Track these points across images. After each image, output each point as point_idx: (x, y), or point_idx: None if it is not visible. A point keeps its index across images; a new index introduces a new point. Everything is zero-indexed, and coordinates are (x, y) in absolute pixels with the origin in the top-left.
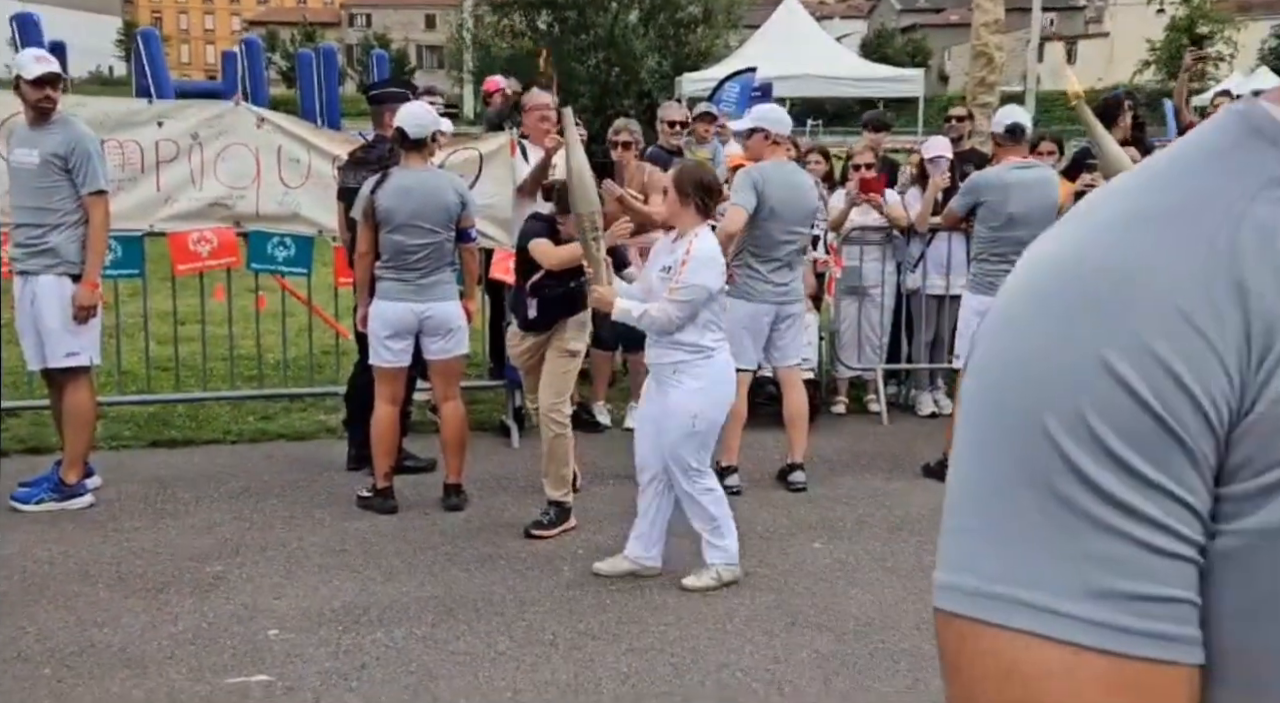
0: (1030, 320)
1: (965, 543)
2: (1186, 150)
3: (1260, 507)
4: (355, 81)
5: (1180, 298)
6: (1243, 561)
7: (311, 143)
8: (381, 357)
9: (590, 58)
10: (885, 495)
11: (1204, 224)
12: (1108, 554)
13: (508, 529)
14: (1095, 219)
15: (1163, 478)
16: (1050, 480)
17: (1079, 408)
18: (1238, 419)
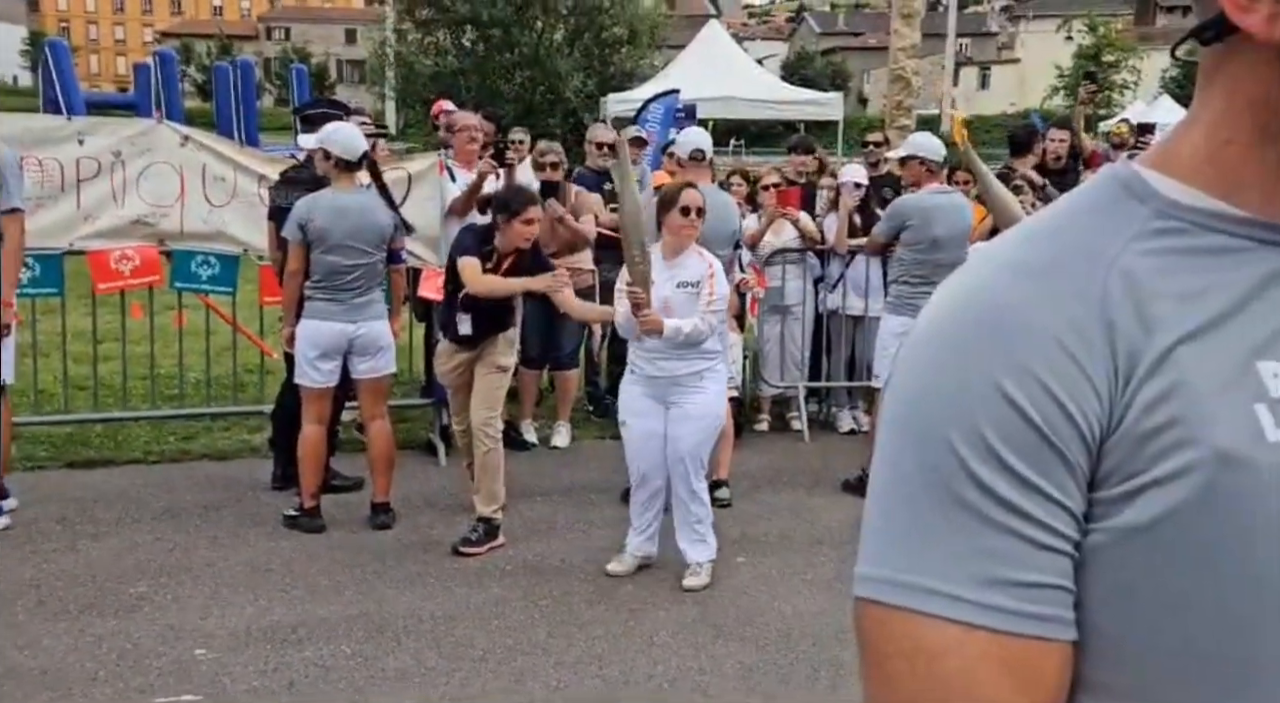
0: (937, 349)
1: (881, 540)
2: (1069, 207)
3: (1124, 509)
4: (274, 96)
5: (1060, 333)
6: (1108, 554)
7: (237, 161)
8: (309, 377)
9: (515, 76)
10: (806, 510)
11: (1079, 273)
12: (998, 548)
13: (436, 547)
14: (993, 265)
15: (1045, 483)
16: (952, 486)
17: (977, 424)
18: (1107, 434)
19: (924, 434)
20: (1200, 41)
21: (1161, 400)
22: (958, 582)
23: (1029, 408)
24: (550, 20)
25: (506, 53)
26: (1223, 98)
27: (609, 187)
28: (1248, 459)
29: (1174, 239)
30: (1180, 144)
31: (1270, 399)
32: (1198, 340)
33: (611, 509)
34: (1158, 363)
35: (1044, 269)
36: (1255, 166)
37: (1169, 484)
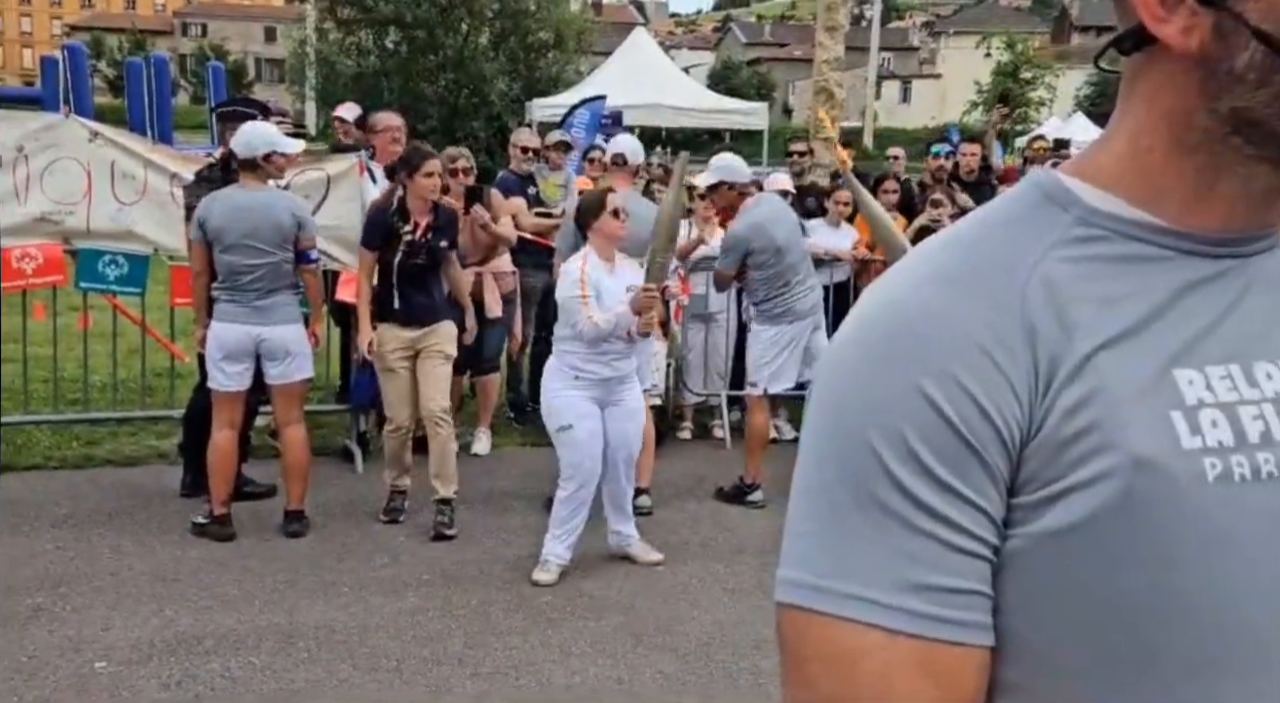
0: (858, 358)
1: (803, 545)
2: (992, 215)
3: (1042, 514)
4: (189, 93)
5: (981, 337)
6: (1027, 560)
7: (148, 159)
8: (218, 381)
9: (439, 79)
10: (727, 519)
11: (1001, 279)
12: (919, 552)
13: (351, 555)
14: (915, 274)
15: (965, 488)
16: (874, 490)
17: (899, 427)
18: (1027, 439)
19: (846, 437)
20: (1119, 51)
21: (1081, 406)
22: (877, 586)
23: (949, 410)
24: (475, 23)
25: (430, 55)
26: (1142, 107)
27: (533, 190)
28: (1163, 466)
29: (1095, 246)
30: (1102, 153)
31: (1186, 407)
32: (1117, 347)
33: (532, 517)
34: (1078, 368)
35: (966, 276)
36: (1173, 176)
37: (1087, 490)
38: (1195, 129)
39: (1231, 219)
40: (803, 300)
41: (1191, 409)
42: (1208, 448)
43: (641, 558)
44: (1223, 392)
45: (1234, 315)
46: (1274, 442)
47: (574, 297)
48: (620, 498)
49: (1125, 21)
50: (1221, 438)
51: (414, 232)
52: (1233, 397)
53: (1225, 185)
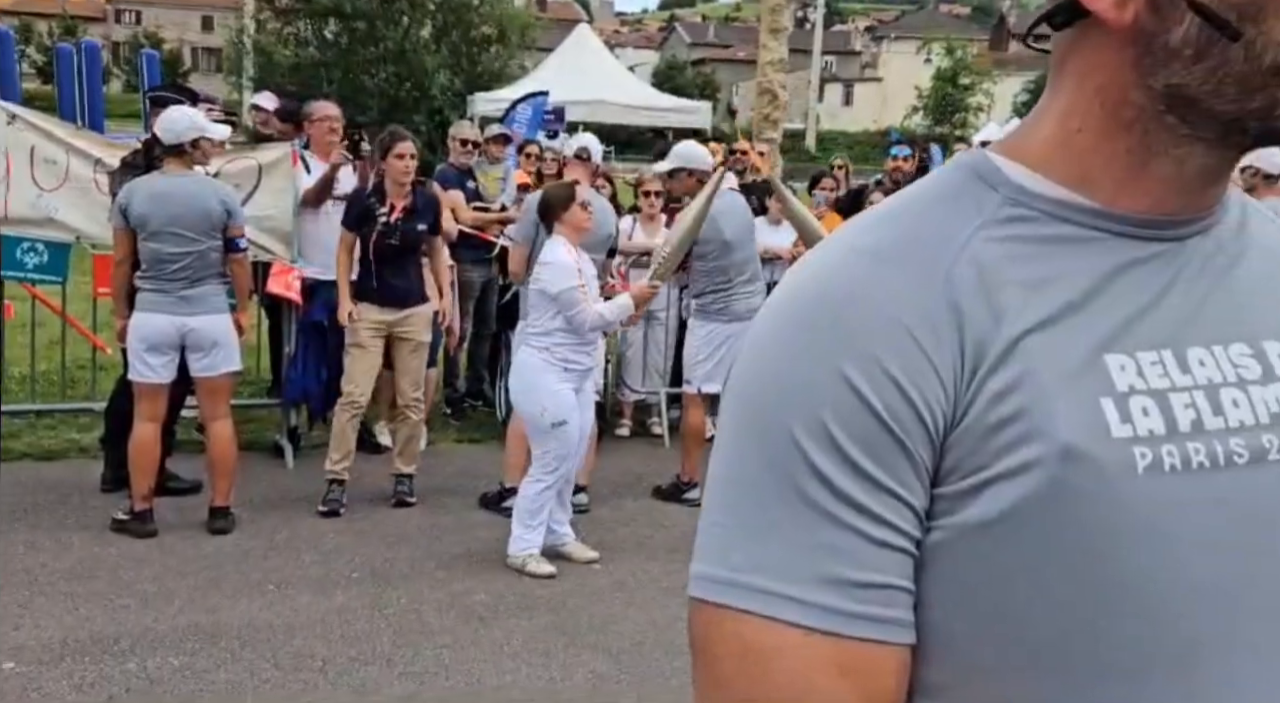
0: (778, 339)
1: (717, 537)
2: (919, 193)
3: (966, 506)
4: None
5: (907, 319)
6: (949, 553)
7: (70, 144)
8: (141, 372)
9: (380, 71)
10: (664, 517)
11: (928, 258)
12: (837, 545)
13: (278, 553)
14: (835, 252)
15: (887, 478)
16: (794, 479)
17: (819, 414)
18: (951, 427)
19: (765, 423)
20: (1051, 26)
21: (1009, 392)
22: (793, 581)
23: (872, 396)
24: (417, 16)
25: (371, 47)
26: (1072, 86)
27: (472, 184)
28: (1092, 455)
29: (1023, 227)
30: (1032, 132)
31: (1116, 393)
32: (1046, 331)
33: (466, 514)
34: (1005, 353)
35: (892, 253)
36: (1104, 156)
37: (1014, 479)
38: (1128, 107)
39: (1163, 201)
40: (741, 302)
41: (1122, 396)
42: (1138, 437)
43: (577, 556)
44: (1154, 378)
45: (1166, 300)
46: (1205, 431)
47: (572, 287)
48: (566, 488)
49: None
50: (1152, 426)
51: (389, 214)
52: (1164, 384)
53: (1158, 166)
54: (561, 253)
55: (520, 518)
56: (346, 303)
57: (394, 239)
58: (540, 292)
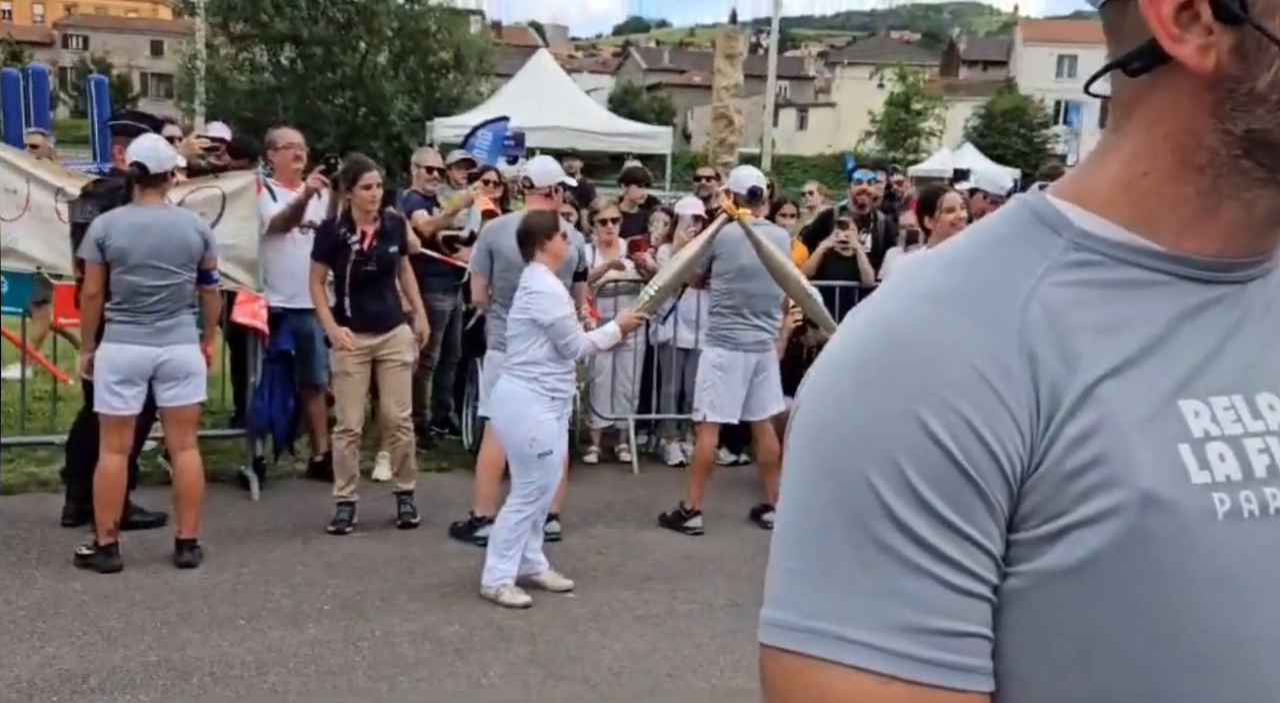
0: (850, 383)
1: (790, 582)
2: (982, 237)
3: (1043, 552)
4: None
5: (981, 365)
6: (1027, 600)
7: (31, 173)
8: (110, 404)
9: (337, 97)
10: (637, 545)
11: (998, 304)
12: (915, 593)
13: (247, 586)
14: (907, 293)
15: (964, 524)
16: (869, 525)
17: (896, 459)
18: (1028, 473)
19: (838, 468)
20: (1127, 72)
21: (1086, 438)
22: (872, 629)
23: (950, 442)
24: (374, 42)
25: (328, 73)
26: (1141, 130)
27: (437, 211)
28: (1171, 502)
29: (1090, 271)
30: (1094, 176)
31: (1193, 439)
32: (1121, 377)
33: (437, 545)
34: (1081, 399)
35: (961, 298)
36: (1171, 200)
37: (1094, 526)
38: (1201, 151)
39: (1229, 244)
40: (748, 333)
41: (1199, 442)
42: (1216, 483)
43: (551, 585)
44: (1228, 424)
45: (1232, 344)
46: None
47: (565, 315)
48: (540, 517)
49: (1128, 42)
50: (1229, 472)
51: (361, 241)
52: (1237, 429)
53: (1227, 209)
54: (550, 282)
55: (496, 548)
56: (336, 329)
57: (370, 265)
58: (529, 321)
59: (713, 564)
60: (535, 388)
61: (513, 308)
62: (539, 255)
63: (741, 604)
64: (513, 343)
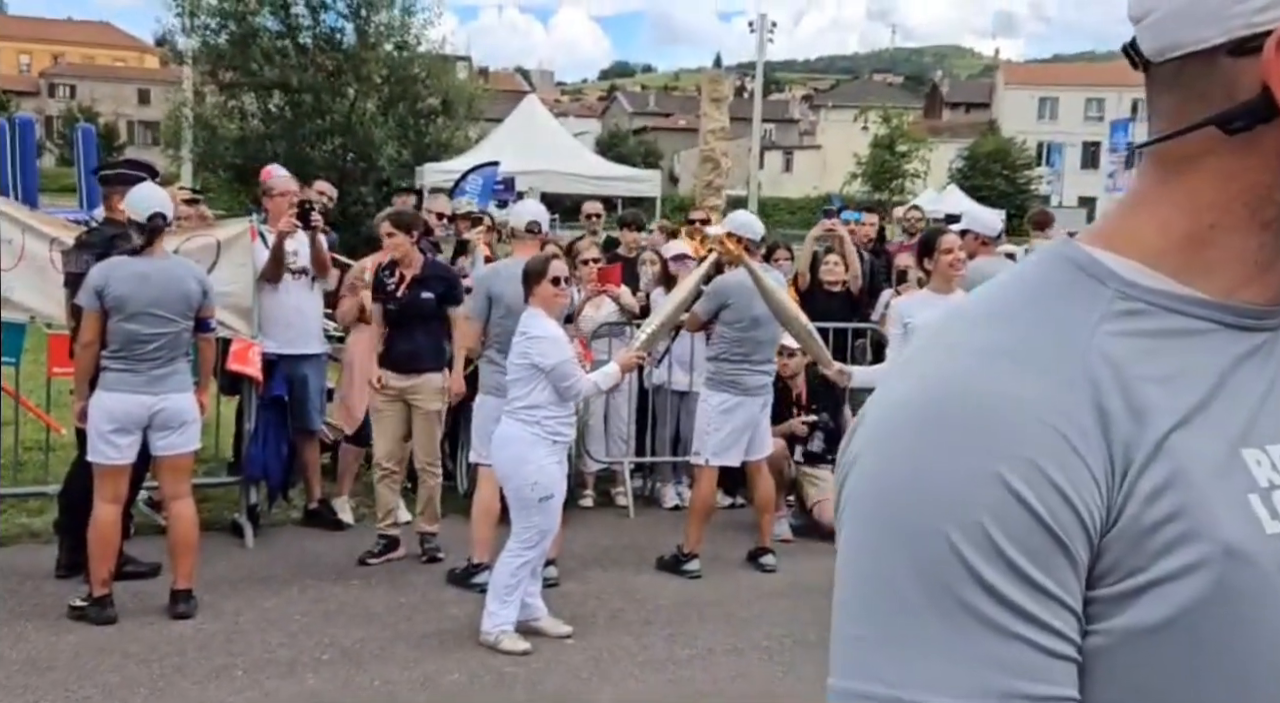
0: (924, 440)
1: (863, 651)
2: (1021, 288)
3: (1125, 609)
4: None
5: (1057, 421)
6: (1111, 658)
7: (26, 223)
8: (104, 454)
9: (326, 143)
10: (635, 589)
11: (1061, 358)
12: (1004, 657)
13: (243, 635)
14: (965, 349)
15: (1051, 584)
16: (953, 588)
17: (979, 519)
18: (1106, 529)
19: (915, 529)
20: (1227, 130)
21: (1162, 491)
22: (961, 696)
23: (1036, 503)
24: (363, 88)
25: (317, 119)
26: (1213, 184)
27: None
28: (1251, 554)
29: (1140, 321)
30: (1142, 226)
31: (1260, 489)
32: (1189, 427)
33: (433, 591)
34: (1154, 452)
35: (1021, 353)
36: (1234, 252)
37: (1178, 581)
38: (1271, 206)
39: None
40: (753, 377)
41: (1265, 492)
42: None
43: (550, 631)
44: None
45: (1276, 391)
46: None
47: (567, 359)
48: (539, 562)
49: (1212, 99)
50: None
51: (397, 285)
52: None
53: None
54: (550, 326)
55: (496, 594)
56: (371, 367)
57: (396, 307)
58: (530, 366)
59: (712, 608)
60: (537, 431)
61: (512, 353)
62: (534, 299)
63: (743, 650)
64: (514, 387)
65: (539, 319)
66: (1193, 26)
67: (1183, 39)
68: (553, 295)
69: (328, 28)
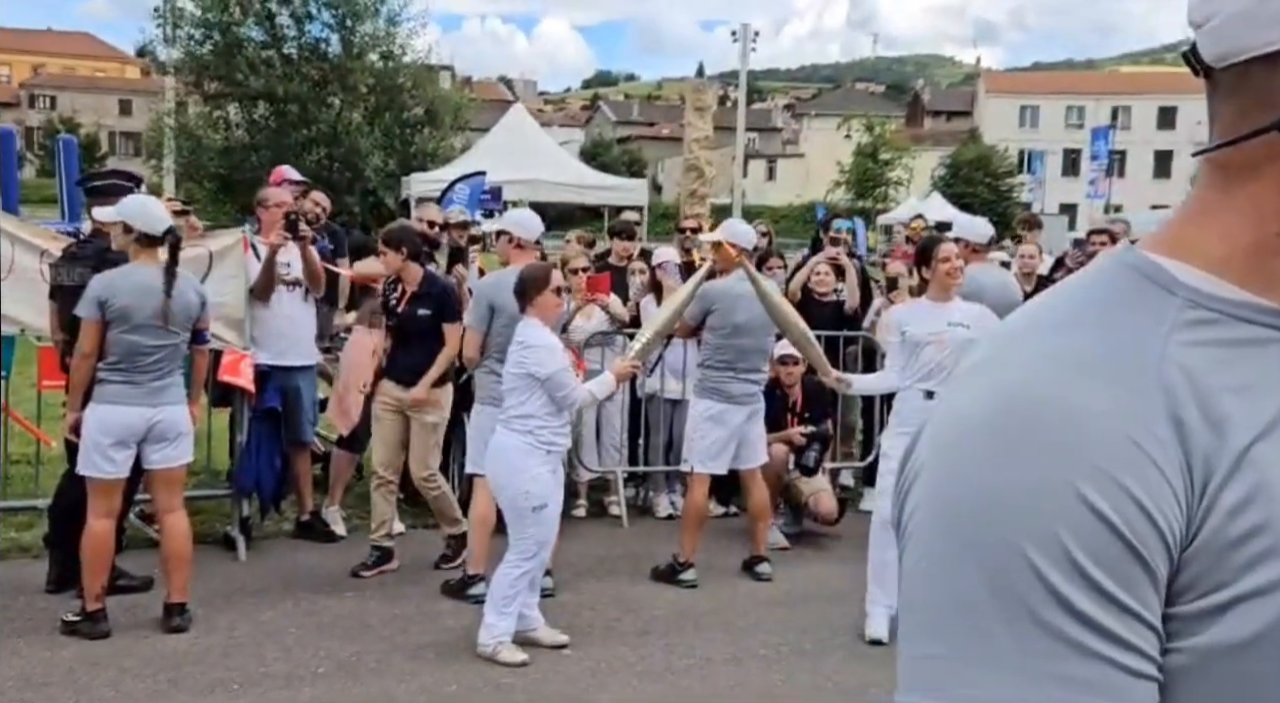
0: (996, 451)
1: (934, 669)
2: (1086, 296)
3: (1208, 627)
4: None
5: (1133, 432)
6: (1196, 677)
7: (14, 234)
8: (100, 468)
9: (312, 153)
10: (631, 599)
11: (1135, 368)
12: (1085, 676)
13: (239, 649)
14: (1037, 357)
15: (1131, 600)
16: (1028, 603)
17: (1056, 533)
18: (1187, 543)
19: (987, 543)
20: None
21: (1245, 505)
22: None
23: (1114, 516)
24: (349, 98)
25: (303, 130)
26: (1277, 191)
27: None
28: None
29: (1211, 330)
30: (1206, 233)
31: None
32: (1270, 439)
33: (428, 603)
34: (1236, 464)
35: (1097, 362)
36: None
37: (1264, 597)
38: None
39: None
40: (739, 385)
41: None
42: None
43: (547, 641)
44: None
45: None
46: None
47: (563, 368)
48: (538, 573)
49: (1276, 106)
50: None
51: (399, 300)
52: None
53: None
54: (544, 335)
55: (495, 605)
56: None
57: (396, 322)
58: (526, 375)
59: (709, 618)
60: (531, 441)
61: (508, 362)
62: (531, 309)
63: (741, 659)
64: (509, 396)
65: (535, 329)
66: (1257, 30)
67: (1246, 43)
68: (555, 305)
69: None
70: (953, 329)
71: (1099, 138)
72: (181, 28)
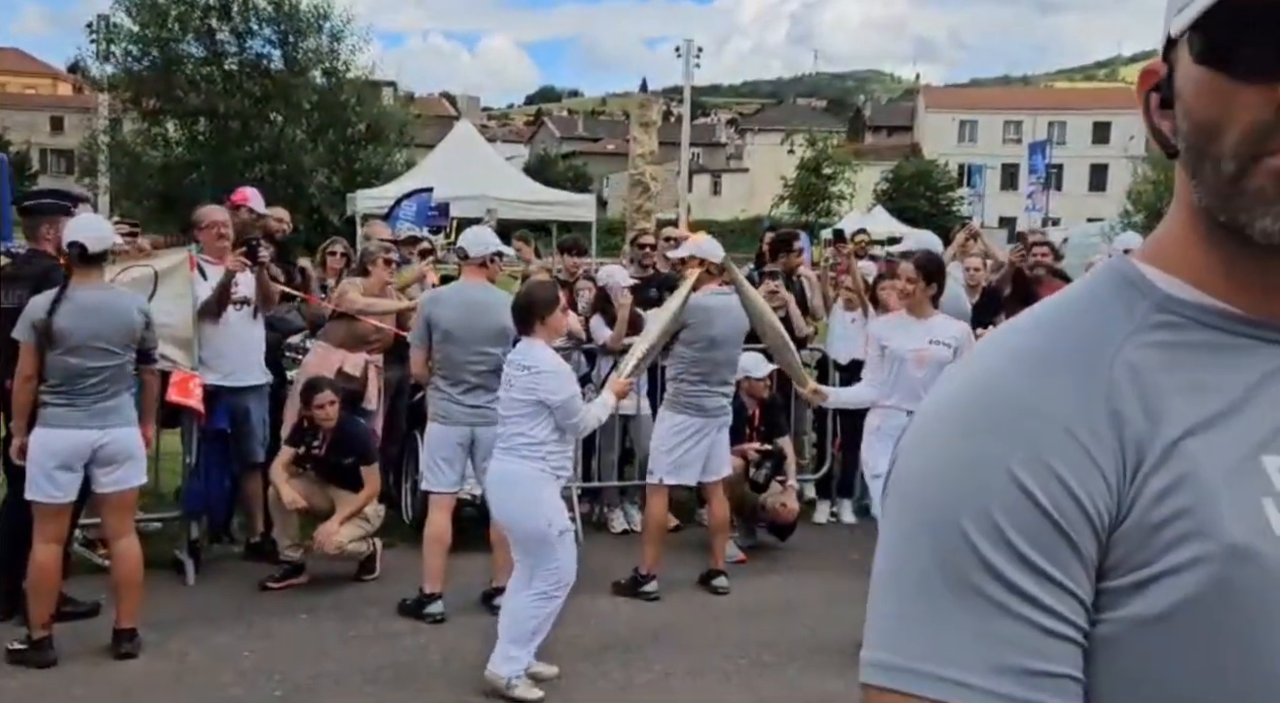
0: (945, 438)
1: (890, 627)
2: (1075, 298)
3: (1131, 600)
4: None
5: (1069, 422)
6: (1116, 646)
7: None
8: (46, 492)
9: (254, 170)
10: (590, 615)
11: (1086, 364)
12: (1010, 636)
13: (193, 674)
14: (1001, 353)
15: (1056, 571)
16: (965, 573)
17: (989, 511)
18: (1115, 525)
19: (936, 520)
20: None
21: (1171, 491)
22: (968, 668)
23: (1041, 495)
24: (292, 115)
25: (245, 146)
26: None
27: None
28: (1257, 553)
29: (1173, 333)
30: (1165, 239)
31: (1276, 493)
32: (1205, 433)
33: (384, 622)
34: (1166, 454)
35: (1050, 358)
36: (1249, 270)
37: (1179, 576)
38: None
39: None
40: (712, 400)
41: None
42: None
43: (543, 675)
44: None
45: None
46: None
47: (575, 394)
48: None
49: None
50: None
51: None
52: None
53: None
54: (554, 358)
55: (519, 637)
56: None
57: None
58: (536, 401)
59: (668, 632)
60: (543, 468)
61: (511, 388)
62: (538, 328)
63: (701, 672)
64: (515, 423)
65: (542, 351)
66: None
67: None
68: (565, 326)
69: (254, 54)
70: (934, 347)
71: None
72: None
